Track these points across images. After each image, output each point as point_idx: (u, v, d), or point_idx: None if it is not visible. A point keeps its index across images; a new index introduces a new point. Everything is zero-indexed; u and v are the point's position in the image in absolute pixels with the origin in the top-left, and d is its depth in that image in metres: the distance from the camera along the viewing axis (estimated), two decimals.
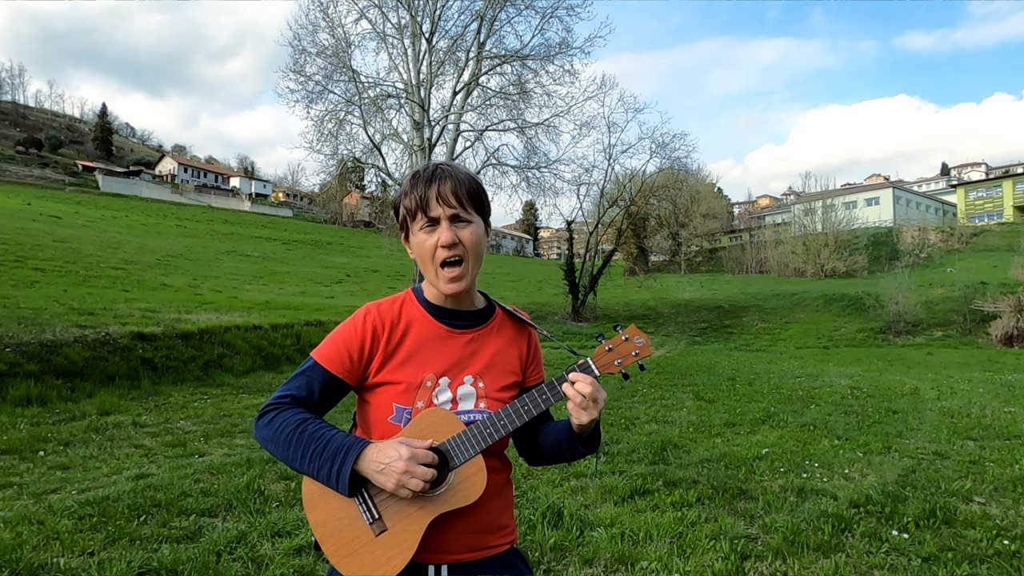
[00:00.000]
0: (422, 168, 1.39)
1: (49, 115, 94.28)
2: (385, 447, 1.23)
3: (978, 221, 57.66)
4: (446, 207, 1.33)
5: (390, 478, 1.20)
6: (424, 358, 1.36)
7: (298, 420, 1.27)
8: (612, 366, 1.36)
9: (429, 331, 1.38)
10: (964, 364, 18.14)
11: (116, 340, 9.80)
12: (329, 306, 19.92)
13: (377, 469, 1.21)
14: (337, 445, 1.23)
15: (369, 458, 1.22)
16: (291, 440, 1.25)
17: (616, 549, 3.42)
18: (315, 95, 19.92)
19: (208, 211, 68.89)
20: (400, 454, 1.20)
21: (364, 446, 1.23)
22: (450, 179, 1.35)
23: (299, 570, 3.13)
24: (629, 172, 31.63)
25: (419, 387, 1.33)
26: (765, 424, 7.48)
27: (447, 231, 1.33)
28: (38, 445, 5.81)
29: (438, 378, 1.35)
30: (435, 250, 1.34)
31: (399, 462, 1.19)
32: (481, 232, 1.38)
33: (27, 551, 3.21)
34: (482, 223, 1.40)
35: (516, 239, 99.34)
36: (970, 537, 3.70)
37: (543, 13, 19.88)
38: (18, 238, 25.44)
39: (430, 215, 1.34)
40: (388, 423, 1.32)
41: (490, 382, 1.39)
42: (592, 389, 1.28)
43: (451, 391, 1.35)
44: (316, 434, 1.25)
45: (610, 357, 1.36)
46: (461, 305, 1.43)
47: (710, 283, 46.90)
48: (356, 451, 1.22)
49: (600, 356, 1.37)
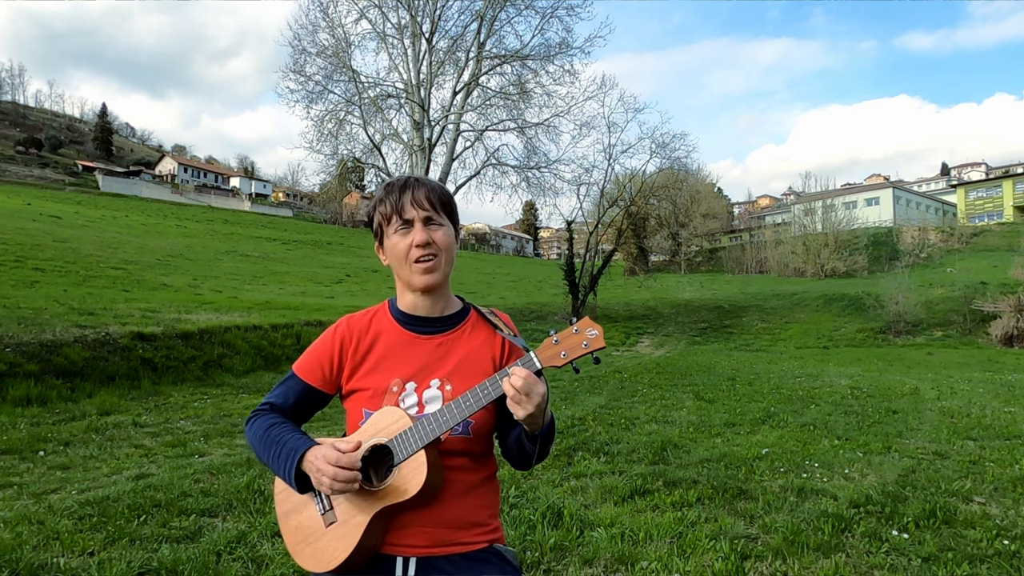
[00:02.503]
0: (395, 179, 1.49)
1: (49, 115, 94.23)
2: (318, 450, 1.31)
3: (978, 221, 57.66)
4: (420, 210, 1.41)
5: (321, 479, 1.28)
6: (391, 364, 1.43)
7: (268, 424, 1.41)
8: (557, 358, 1.31)
9: (396, 338, 1.46)
10: (964, 364, 18.14)
11: (116, 340, 9.80)
12: (329, 306, 19.91)
13: (311, 470, 1.31)
14: (289, 448, 1.35)
15: (307, 460, 1.32)
16: (262, 442, 1.40)
17: (616, 549, 3.42)
18: (315, 95, 19.95)
19: (208, 211, 68.87)
20: (325, 456, 1.28)
21: (307, 449, 1.33)
22: (423, 186, 1.44)
23: (299, 570, 3.13)
24: (629, 172, 31.58)
25: (385, 392, 1.40)
26: (765, 424, 7.48)
27: (421, 231, 1.41)
28: (38, 445, 5.81)
29: (404, 383, 1.41)
30: (409, 250, 1.41)
31: (323, 463, 1.28)
32: (452, 235, 1.46)
33: (27, 551, 3.21)
34: (452, 228, 1.47)
35: (516, 239, 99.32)
36: (970, 537, 3.70)
37: (543, 13, 19.90)
38: (18, 238, 25.43)
39: (404, 217, 1.42)
40: (359, 427, 1.39)
41: (459, 384, 1.40)
42: (523, 382, 1.23)
43: (417, 395, 1.41)
44: (277, 437, 1.38)
45: (555, 349, 1.31)
46: (432, 311, 1.48)
47: (710, 283, 46.88)
48: (300, 453, 1.33)
49: (545, 349, 1.32)
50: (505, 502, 4.19)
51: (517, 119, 20.81)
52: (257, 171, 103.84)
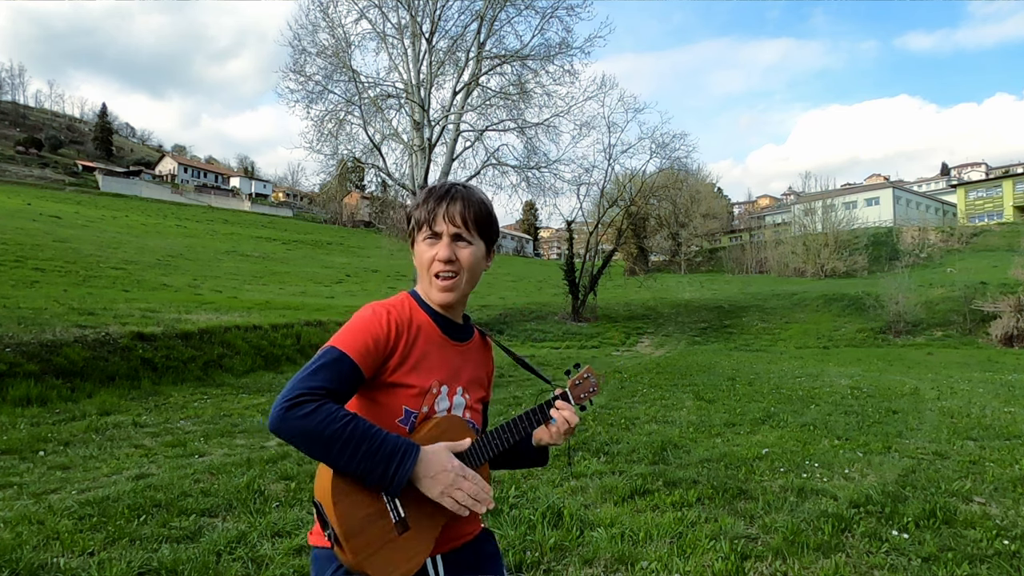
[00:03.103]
0: (438, 184, 1.48)
1: (49, 115, 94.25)
2: (437, 455, 1.29)
3: (978, 221, 57.66)
4: (450, 225, 1.40)
5: (438, 485, 1.27)
6: (431, 364, 1.41)
7: (346, 416, 1.23)
8: (580, 398, 1.58)
9: (434, 338, 1.44)
10: (964, 364, 18.13)
11: (116, 340, 9.80)
12: (329, 306, 19.92)
13: (429, 474, 1.26)
14: (393, 446, 1.25)
15: (425, 461, 1.27)
16: (337, 436, 1.21)
17: (616, 549, 3.42)
18: (315, 95, 19.91)
19: (208, 211, 68.87)
20: (453, 465, 1.29)
21: (420, 450, 1.28)
22: (460, 200, 1.42)
23: (299, 570, 3.13)
24: (629, 172, 31.62)
25: (427, 393, 1.39)
26: (765, 424, 7.48)
27: (446, 247, 1.41)
28: (38, 445, 5.81)
29: (440, 385, 1.42)
30: (432, 262, 1.42)
31: (450, 473, 1.27)
32: (480, 254, 1.46)
33: (27, 551, 3.21)
34: (483, 246, 1.47)
35: (516, 239, 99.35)
36: (970, 537, 3.69)
37: (543, 13, 19.86)
38: (18, 238, 25.43)
39: (434, 229, 1.41)
40: (396, 424, 1.36)
41: (472, 394, 1.50)
42: (577, 418, 1.50)
43: (448, 399, 1.44)
44: (368, 433, 1.24)
45: (579, 390, 1.59)
46: (455, 317, 1.51)
47: (710, 283, 46.88)
48: (414, 454, 1.26)
49: (573, 388, 1.58)
50: (505, 502, 4.19)
51: (517, 119, 20.79)
52: (257, 171, 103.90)
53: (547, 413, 1.50)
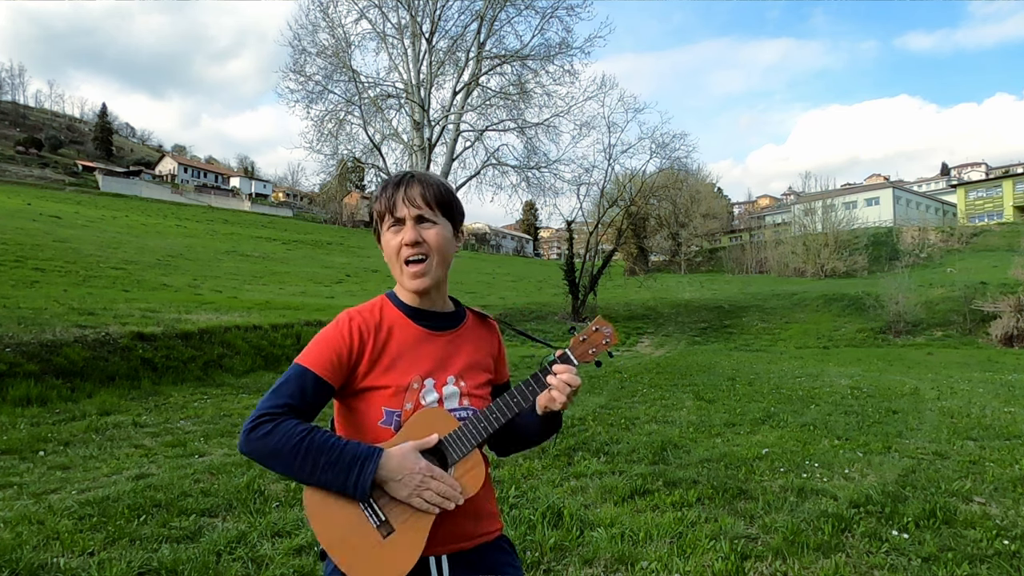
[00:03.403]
0: (395, 174, 1.46)
1: (49, 115, 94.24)
2: (402, 457, 1.27)
3: (978, 221, 57.66)
4: (411, 207, 1.38)
5: (404, 488, 1.26)
6: (409, 361, 1.40)
7: (304, 430, 1.25)
8: (587, 355, 1.44)
9: (410, 333, 1.42)
10: (964, 364, 18.13)
11: (116, 340, 9.79)
12: (329, 306, 19.91)
13: (395, 478, 1.26)
14: (353, 454, 1.26)
15: (387, 466, 1.26)
16: (298, 451, 1.23)
17: (616, 549, 3.42)
18: (315, 95, 19.95)
19: (208, 211, 68.87)
20: (419, 467, 1.27)
21: (381, 454, 1.27)
22: (418, 184, 1.40)
23: (299, 570, 3.13)
24: (629, 172, 31.59)
25: (407, 390, 1.37)
26: (765, 424, 7.48)
27: (411, 230, 1.38)
28: (38, 445, 5.81)
29: (423, 379, 1.39)
30: (400, 248, 1.39)
31: (416, 474, 1.26)
32: (447, 234, 1.42)
33: (27, 551, 3.21)
34: (450, 226, 1.44)
35: (516, 239, 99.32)
36: (970, 537, 3.70)
37: (543, 13, 19.90)
38: (18, 238, 25.43)
39: (396, 215, 1.39)
40: (379, 427, 1.35)
41: (470, 380, 1.45)
42: (578, 379, 1.38)
43: (437, 391, 1.40)
44: (326, 444, 1.25)
45: (584, 347, 1.44)
46: (434, 306, 1.47)
47: (710, 283, 46.87)
48: (375, 459, 1.26)
49: (576, 347, 1.45)
50: (505, 502, 4.19)
51: (517, 119, 20.82)
52: (257, 171, 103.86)
53: (543, 381, 1.39)
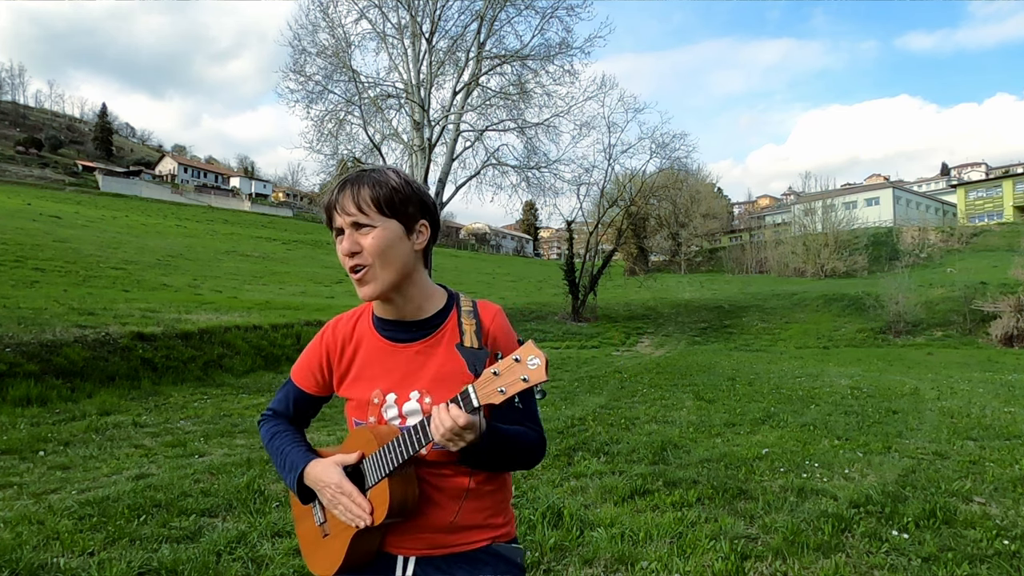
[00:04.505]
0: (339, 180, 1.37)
1: (49, 115, 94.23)
2: (321, 470, 1.34)
3: (978, 221, 57.65)
4: (344, 215, 1.30)
5: (324, 497, 1.35)
6: (371, 374, 1.39)
7: (271, 433, 1.47)
8: (495, 394, 1.15)
9: (375, 346, 1.40)
10: (964, 364, 18.13)
11: (116, 340, 9.79)
12: (329, 306, 19.90)
13: (316, 487, 1.36)
14: (290, 462, 1.39)
15: (311, 476, 1.36)
16: (268, 450, 1.47)
17: (616, 549, 3.42)
18: (315, 95, 19.94)
19: (208, 211, 68.87)
20: (331, 481, 1.32)
21: (307, 464, 1.37)
22: (350, 187, 1.30)
23: (299, 570, 3.13)
24: (629, 172, 31.64)
25: (368, 404, 1.38)
26: (765, 424, 7.48)
27: (347, 239, 1.30)
28: (38, 445, 5.81)
29: (384, 395, 1.36)
30: (343, 260, 1.32)
31: (328, 488, 1.32)
32: (391, 235, 1.29)
33: (27, 551, 3.21)
34: (396, 225, 1.30)
35: (516, 239, 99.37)
36: (970, 537, 3.69)
37: (543, 13, 19.89)
38: (18, 238, 25.43)
39: (335, 226, 1.33)
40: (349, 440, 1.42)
41: (439, 396, 1.30)
42: (450, 433, 1.17)
43: (397, 407, 1.35)
44: (280, 448, 1.43)
45: (494, 384, 1.15)
46: (404, 315, 1.38)
47: (710, 283, 46.88)
48: (299, 469, 1.37)
49: (484, 384, 1.17)
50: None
51: (517, 119, 20.81)
52: (257, 171, 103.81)
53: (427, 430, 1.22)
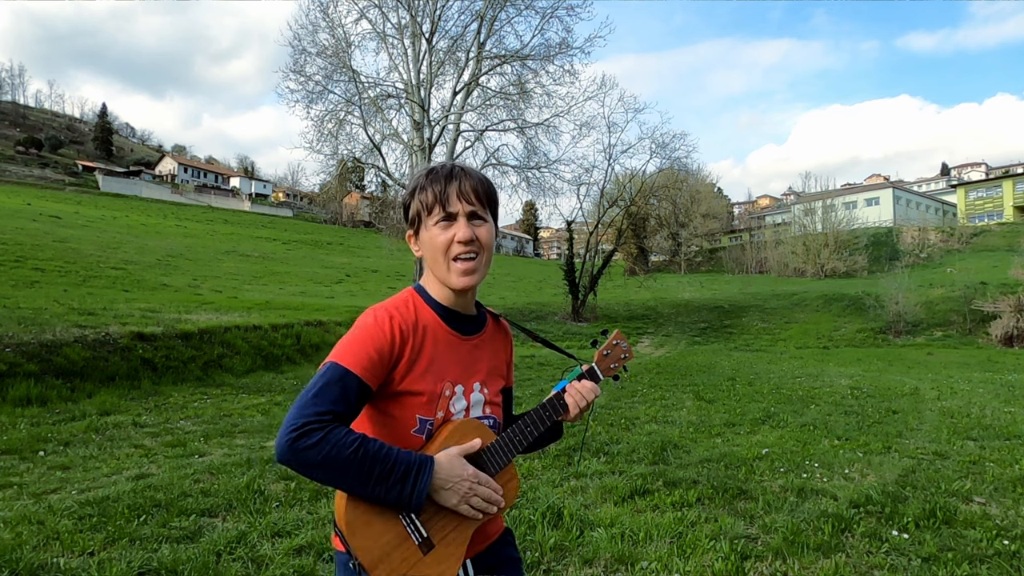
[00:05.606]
0: (439, 166, 1.38)
1: (49, 115, 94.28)
2: (451, 464, 1.25)
3: (978, 221, 57.66)
4: (466, 204, 1.33)
5: (454, 495, 1.24)
6: (441, 366, 1.34)
7: (355, 440, 1.17)
8: (610, 370, 1.52)
9: (443, 337, 1.36)
10: (964, 364, 18.13)
11: (116, 340, 9.79)
12: (329, 306, 19.91)
13: (445, 486, 1.23)
14: (406, 464, 1.20)
15: (440, 474, 1.23)
16: (350, 463, 1.16)
17: (616, 549, 3.42)
18: (315, 95, 19.96)
19: (208, 211, 68.89)
20: (468, 473, 1.25)
21: (433, 462, 1.23)
22: (469, 178, 1.35)
23: (299, 570, 3.13)
24: (629, 172, 31.65)
25: (439, 397, 1.33)
26: (765, 424, 7.48)
27: (465, 227, 1.32)
28: (38, 445, 5.81)
29: (454, 386, 1.36)
30: (450, 245, 1.32)
31: (465, 481, 1.24)
32: (493, 231, 1.39)
33: (27, 551, 3.21)
34: (494, 226, 1.40)
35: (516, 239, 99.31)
36: (970, 537, 3.69)
37: (543, 13, 19.92)
38: (18, 238, 25.42)
39: (448, 210, 1.32)
40: (411, 435, 1.30)
41: (491, 387, 1.43)
42: (597, 393, 1.46)
43: (465, 399, 1.37)
44: (379, 454, 1.18)
45: (607, 362, 1.51)
46: (466, 308, 1.42)
47: (710, 283, 46.88)
48: (429, 467, 1.22)
49: (600, 361, 1.51)
50: None
51: (517, 119, 20.83)
52: (257, 171, 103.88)
53: (562, 398, 1.46)
